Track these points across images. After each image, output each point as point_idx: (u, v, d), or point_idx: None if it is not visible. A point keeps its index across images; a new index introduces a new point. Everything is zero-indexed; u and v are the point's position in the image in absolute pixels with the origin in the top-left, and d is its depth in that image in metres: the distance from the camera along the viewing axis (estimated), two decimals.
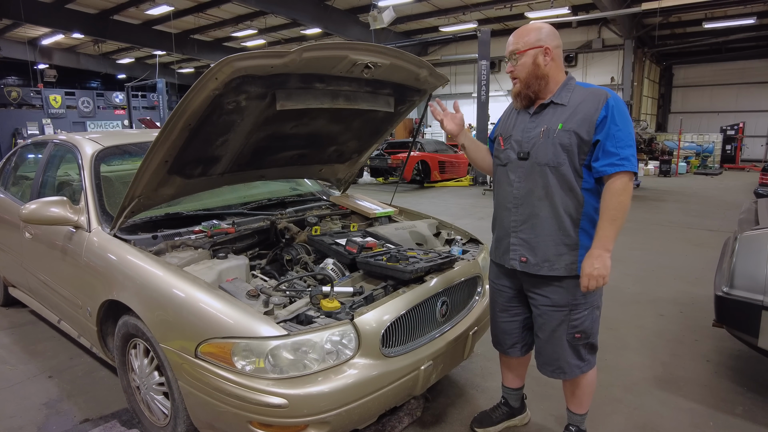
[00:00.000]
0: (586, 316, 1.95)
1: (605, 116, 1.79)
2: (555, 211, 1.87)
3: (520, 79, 1.90)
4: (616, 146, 1.78)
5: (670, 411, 2.54)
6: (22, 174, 3.75)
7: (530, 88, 1.89)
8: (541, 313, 1.99)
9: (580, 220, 1.88)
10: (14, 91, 19.92)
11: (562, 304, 1.94)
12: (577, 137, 1.81)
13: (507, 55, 1.92)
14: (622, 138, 1.79)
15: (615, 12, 14.44)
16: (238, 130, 2.26)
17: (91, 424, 2.42)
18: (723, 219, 7.74)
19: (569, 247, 1.88)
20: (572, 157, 1.83)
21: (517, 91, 1.93)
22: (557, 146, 1.84)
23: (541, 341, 2.04)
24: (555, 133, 1.84)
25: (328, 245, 2.50)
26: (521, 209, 1.94)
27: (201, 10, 16.91)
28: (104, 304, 2.30)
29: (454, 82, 22.31)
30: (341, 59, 2.08)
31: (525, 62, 1.87)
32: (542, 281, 1.95)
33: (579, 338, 1.96)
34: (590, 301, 1.95)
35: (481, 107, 12.43)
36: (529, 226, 1.93)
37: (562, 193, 1.86)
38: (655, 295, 4.26)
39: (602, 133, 1.79)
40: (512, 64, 1.91)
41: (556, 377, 2.06)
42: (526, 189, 1.92)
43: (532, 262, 1.93)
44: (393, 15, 12.66)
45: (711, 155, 17.65)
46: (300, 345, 1.75)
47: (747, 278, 2.45)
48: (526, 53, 1.86)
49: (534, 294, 2.00)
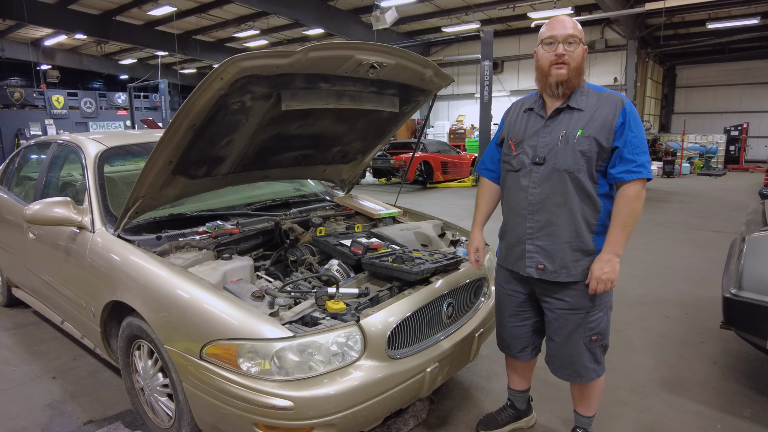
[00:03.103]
0: (601, 317, 1.95)
1: (623, 123, 1.78)
2: (573, 218, 1.85)
3: (571, 66, 1.80)
4: (633, 153, 1.78)
5: (677, 413, 2.51)
6: (25, 174, 3.75)
7: (578, 78, 1.84)
8: (558, 317, 1.97)
9: (596, 226, 1.87)
10: (17, 92, 19.97)
11: (579, 307, 1.92)
12: (596, 144, 1.80)
13: (563, 37, 1.79)
14: (638, 144, 1.79)
15: (618, 12, 14.39)
16: (242, 130, 2.25)
17: (94, 425, 2.41)
18: (727, 220, 7.71)
19: (585, 252, 1.87)
20: (591, 163, 1.82)
21: (564, 78, 1.80)
22: (577, 153, 1.81)
23: (556, 345, 2.01)
24: (575, 139, 1.82)
25: (333, 246, 2.49)
26: (537, 216, 1.90)
27: (203, 10, 16.91)
28: (108, 305, 2.29)
29: (457, 82, 22.26)
30: (347, 59, 2.07)
31: (579, 52, 1.82)
32: (559, 286, 1.93)
33: (595, 340, 1.96)
34: (604, 303, 1.95)
35: (483, 108, 12.42)
36: (546, 233, 1.89)
37: (579, 199, 1.84)
38: (660, 296, 4.23)
39: (620, 140, 1.79)
40: (568, 48, 1.79)
41: (572, 381, 2.05)
42: (542, 195, 1.88)
43: (549, 269, 1.91)
44: (395, 15, 12.65)
45: (715, 156, 17.59)
46: (306, 347, 1.74)
47: (756, 280, 2.43)
48: (581, 44, 1.83)
49: (549, 299, 1.98)
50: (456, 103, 23.22)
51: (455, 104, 23.28)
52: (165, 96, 19.98)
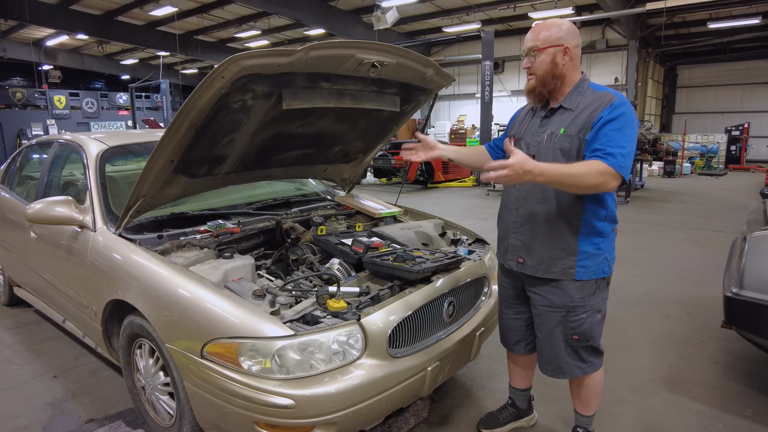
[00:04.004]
0: (584, 320, 1.92)
1: (601, 117, 1.74)
2: (552, 215, 1.86)
3: (537, 76, 1.86)
4: (608, 144, 1.69)
5: (678, 413, 2.51)
6: (27, 174, 3.76)
7: (546, 86, 1.86)
8: (540, 313, 1.99)
9: (580, 226, 1.85)
10: (19, 92, 20.00)
11: (559, 306, 1.92)
12: (578, 141, 1.80)
13: (525, 51, 1.87)
14: (614, 138, 1.69)
15: (619, 12, 14.38)
16: (243, 129, 2.25)
17: (96, 424, 2.41)
18: (729, 220, 7.70)
19: (566, 251, 1.87)
20: (572, 161, 1.79)
21: (531, 88, 1.90)
22: (557, 151, 1.83)
23: (540, 340, 2.04)
24: (556, 137, 1.84)
25: (334, 245, 2.49)
26: (521, 210, 1.95)
27: (205, 11, 16.93)
28: (109, 303, 2.29)
29: (458, 82, 22.25)
30: (348, 58, 2.07)
31: (543, 60, 1.83)
32: (540, 281, 1.95)
33: (577, 340, 1.95)
34: (590, 305, 1.92)
35: (484, 108, 12.41)
36: (527, 228, 1.93)
37: (561, 198, 1.84)
38: (661, 295, 4.23)
39: (593, 132, 1.74)
40: (529, 60, 1.86)
41: (555, 377, 2.06)
42: (526, 191, 1.93)
43: (528, 263, 1.94)
44: (396, 16, 12.64)
45: (716, 156, 17.55)
46: (307, 345, 1.74)
47: (757, 279, 2.42)
48: (545, 51, 1.82)
49: (533, 293, 2.01)
50: (457, 103, 23.22)
51: (456, 104, 23.28)
52: (166, 96, 19.98)
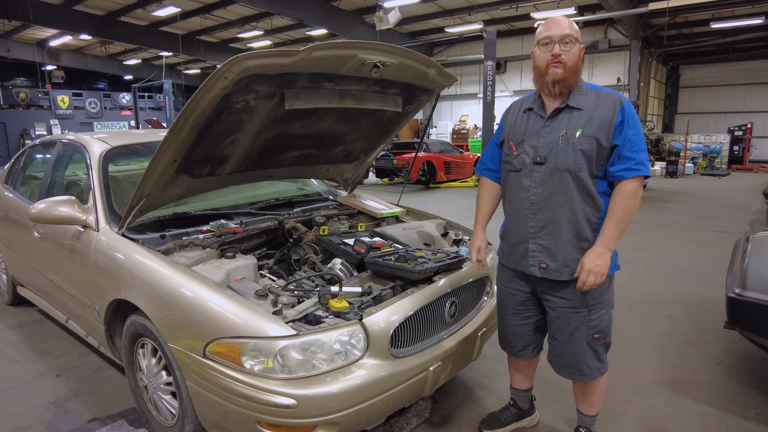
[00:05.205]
0: (603, 315, 1.95)
1: (622, 121, 1.80)
2: (575, 216, 1.86)
3: (568, 65, 1.81)
4: (632, 151, 1.80)
5: (680, 413, 2.51)
6: (30, 174, 3.77)
7: (571, 77, 1.84)
8: (560, 315, 1.97)
9: (597, 224, 1.87)
10: (22, 92, 20.09)
11: (581, 305, 1.93)
12: (597, 143, 1.81)
13: (559, 37, 1.81)
14: (636, 143, 1.81)
15: (621, 12, 14.36)
16: (246, 129, 2.25)
17: (98, 423, 2.42)
18: (731, 220, 7.68)
19: (586, 250, 1.87)
20: (591, 162, 1.83)
21: (560, 77, 1.82)
22: (578, 152, 1.82)
23: (559, 343, 2.02)
24: (575, 138, 1.83)
25: (336, 245, 2.49)
26: (539, 215, 1.91)
27: (207, 11, 16.98)
28: (112, 303, 2.30)
29: (460, 82, 22.25)
30: (350, 58, 2.07)
31: (575, 51, 1.83)
32: (561, 284, 1.93)
33: (598, 338, 1.96)
34: (606, 300, 1.95)
35: (486, 108, 12.38)
36: (549, 232, 1.90)
37: (580, 198, 1.85)
38: (664, 296, 4.22)
39: (620, 138, 1.80)
40: (563, 48, 1.81)
41: (575, 379, 2.05)
42: (544, 194, 1.89)
43: (552, 268, 1.92)
44: (399, 16, 12.66)
45: (718, 156, 17.53)
46: (309, 345, 1.74)
47: (760, 279, 2.42)
48: (577, 44, 1.84)
49: (552, 297, 1.98)
50: (459, 103, 23.22)
51: (458, 104, 23.28)
52: (169, 96, 20.02)
